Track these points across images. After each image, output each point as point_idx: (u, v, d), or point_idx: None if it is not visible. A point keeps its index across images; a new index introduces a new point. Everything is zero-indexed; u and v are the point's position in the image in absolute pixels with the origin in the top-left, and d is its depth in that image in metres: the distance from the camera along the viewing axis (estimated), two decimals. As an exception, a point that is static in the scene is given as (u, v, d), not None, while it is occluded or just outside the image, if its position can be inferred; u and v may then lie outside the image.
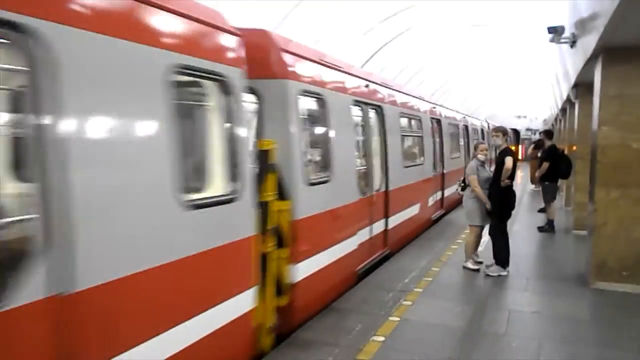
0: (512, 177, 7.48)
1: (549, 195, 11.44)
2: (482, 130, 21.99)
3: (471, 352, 4.86)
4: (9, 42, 2.49)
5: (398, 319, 5.68)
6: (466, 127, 17.75)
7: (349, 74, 7.27)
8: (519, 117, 43.95)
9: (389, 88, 9.28)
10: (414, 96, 11.15)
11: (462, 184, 7.83)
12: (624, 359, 4.80)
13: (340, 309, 6.02)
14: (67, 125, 2.60)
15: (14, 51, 2.52)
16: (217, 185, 4.09)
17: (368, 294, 6.55)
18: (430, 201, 11.68)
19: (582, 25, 7.93)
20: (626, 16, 5.26)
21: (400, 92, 10.00)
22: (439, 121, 12.98)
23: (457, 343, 5.08)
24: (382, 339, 5.10)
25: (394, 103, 9.17)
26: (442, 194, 13.11)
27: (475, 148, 7.92)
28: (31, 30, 2.42)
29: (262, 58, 5.18)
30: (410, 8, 14.57)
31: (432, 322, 5.66)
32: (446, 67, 22.89)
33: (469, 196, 7.68)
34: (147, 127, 3.23)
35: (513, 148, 33.94)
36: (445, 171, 13.23)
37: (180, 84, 3.70)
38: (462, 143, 16.76)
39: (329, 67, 6.54)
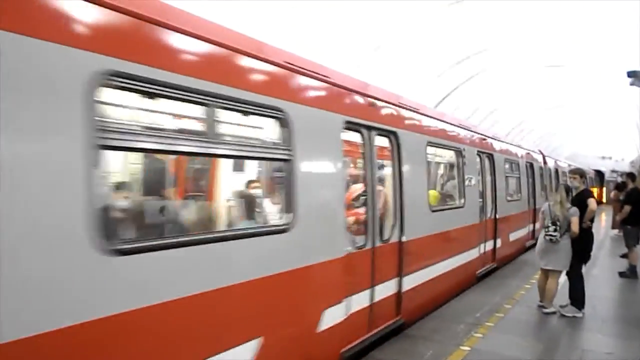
0: (592, 219, 7.59)
1: (631, 240, 11.14)
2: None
3: (540, 384, 5.06)
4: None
5: (469, 348, 5.95)
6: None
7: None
8: (603, 157, 42.13)
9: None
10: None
11: (554, 227, 7.40)
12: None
13: (413, 335, 6.38)
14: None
15: None
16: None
17: (440, 325, 6.84)
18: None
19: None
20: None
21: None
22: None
23: (527, 375, 5.28)
24: (452, 365, 5.41)
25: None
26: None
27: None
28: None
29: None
30: (483, 52, 14.93)
31: (503, 353, 5.87)
32: (522, 107, 22.77)
33: (564, 239, 7.44)
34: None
35: (596, 190, 32.50)
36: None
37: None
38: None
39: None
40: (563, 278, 7.82)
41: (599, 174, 42.59)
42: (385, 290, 6.06)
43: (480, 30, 13.63)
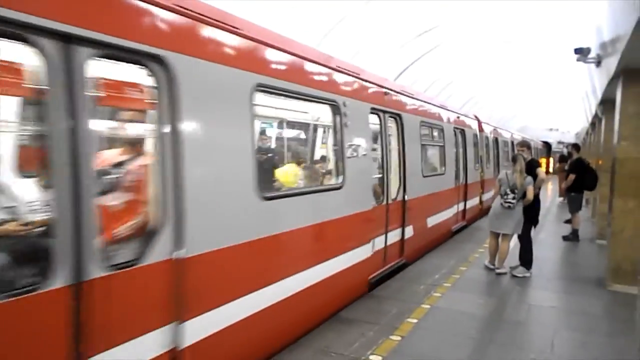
0: (539, 187, 8.23)
1: (574, 206, 12.01)
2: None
3: (493, 334, 5.61)
4: None
5: (429, 306, 6.46)
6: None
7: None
8: (550, 129, 43.97)
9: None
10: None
11: (513, 194, 7.91)
12: (630, 347, 5.44)
13: (379, 295, 6.84)
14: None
15: None
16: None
17: (402, 286, 7.34)
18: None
19: (605, 47, 8.60)
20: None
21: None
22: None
23: (481, 327, 5.83)
24: (415, 320, 5.90)
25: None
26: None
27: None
28: None
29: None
30: (439, 26, 15.36)
31: (459, 309, 6.41)
32: (477, 81, 23.47)
33: (518, 206, 7.95)
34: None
35: (544, 160, 33.63)
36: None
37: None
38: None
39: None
40: (514, 242, 8.45)
41: (547, 145, 44.58)
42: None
43: (437, 4, 13.96)
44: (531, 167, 8.25)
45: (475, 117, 15.17)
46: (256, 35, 4.58)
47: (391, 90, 7.94)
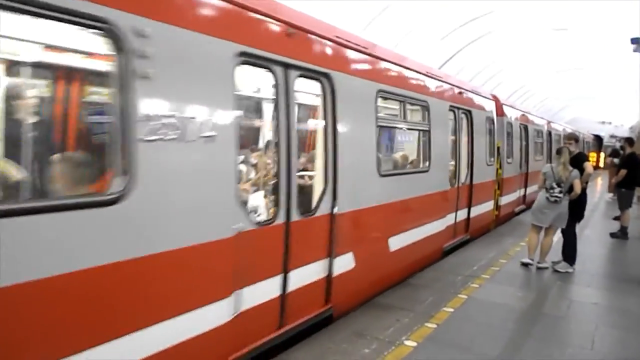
0: (586, 182, 8.01)
1: (624, 202, 11.59)
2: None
3: (531, 327, 5.56)
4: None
5: (466, 296, 6.45)
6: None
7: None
8: (603, 122, 42.26)
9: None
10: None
11: (559, 188, 7.73)
12: (673, 347, 5.30)
13: (415, 284, 6.88)
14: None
15: None
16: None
17: (439, 276, 7.34)
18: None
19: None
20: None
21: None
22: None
23: (518, 319, 5.79)
24: (451, 309, 5.92)
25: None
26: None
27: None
28: None
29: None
30: (489, 13, 14.98)
31: (497, 301, 6.38)
32: (527, 69, 22.81)
33: (564, 200, 7.79)
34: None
35: (594, 154, 32.45)
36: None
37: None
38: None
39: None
40: (557, 236, 8.27)
41: (598, 138, 42.86)
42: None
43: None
44: (578, 161, 8.03)
45: (494, 96, 12.03)
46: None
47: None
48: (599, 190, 22.79)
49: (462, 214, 9.29)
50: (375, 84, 6.02)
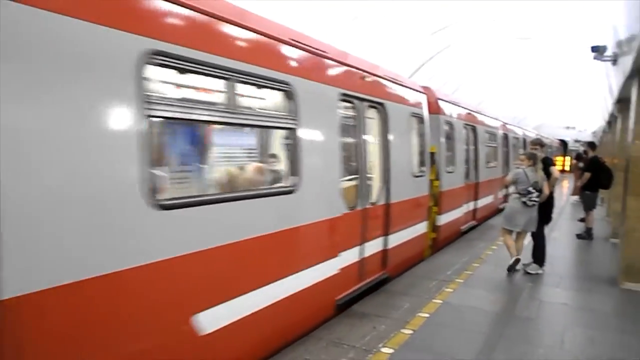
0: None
1: (588, 204, 11.97)
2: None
3: (503, 329, 5.69)
4: None
5: (440, 301, 6.56)
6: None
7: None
8: (567, 127, 43.49)
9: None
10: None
11: (537, 192, 7.87)
12: (636, 343, 5.48)
13: (390, 290, 6.95)
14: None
15: None
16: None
17: (414, 281, 7.44)
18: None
19: (621, 45, 8.58)
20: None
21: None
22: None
23: (492, 322, 5.91)
24: (426, 315, 6.00)
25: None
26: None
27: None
28: None
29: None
30: (455, 23, 15.33)
31: (471, 305, 6.50)
32: (492, 78, 23.36)
33: (536, 203, 7.98)
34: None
35: (561, 159, 33.05)
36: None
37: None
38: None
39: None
40: (527, 239, 8.48)
41: (563, 143, 44.11)
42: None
43: (452, 3, 13.98)
44: (545, 165, 8.28)
45: (426, 89, 9.43)
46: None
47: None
48: (565, 194, 23.44)
49: (374, 246, 6.87)
50: None
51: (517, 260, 8.26)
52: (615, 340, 5.54)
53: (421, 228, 8.69)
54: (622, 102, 11.45)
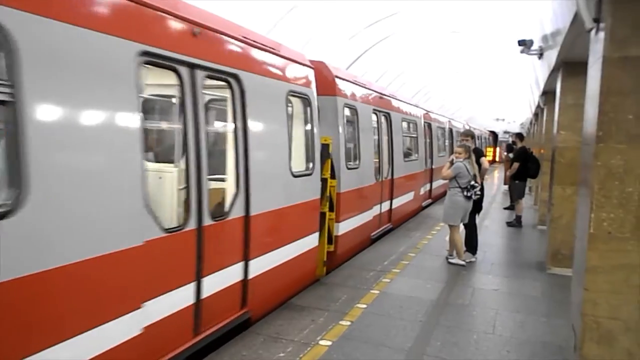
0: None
1: (517, 193, 12.50)
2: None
3: (439, 317, 5.78)
4: None
5: (378, 292, 6.59)
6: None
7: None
8: (497, 119, 45.41)
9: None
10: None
11: (477, 185, 7.97)
12: (563, 326, 5.70)
13: (328, 283, 6.92)
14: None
15: None
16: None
17: (352, 273, 7.45)
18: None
19: (547, 40, 8.92)
20: (580, 34, 6.20)
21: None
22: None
23: (428, 310, 5.99)
24: (364, 306, 6.01)
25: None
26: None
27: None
28: None
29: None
30: (393, 15, 15.47)
31: (408, 294, 6.57)
32: (427, 71, 23.89)
33: (477, 196, 8.09)
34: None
35: (491, 149, 34.30)
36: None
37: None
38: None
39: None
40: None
41: (493, 134, 46.08)
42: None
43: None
44: (476, 157, 8.49)
45: (317, 63, 7.42)
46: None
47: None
48: (495, 183, 24.44)
49: (224, 278, 4.80)
50: None
51: (461, 265, 8.20)
52: (543, 324, 5.77)
53: (309, 242, 6.59)
54: (548, 94, 11.98)
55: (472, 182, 7.97)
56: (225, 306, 4.83)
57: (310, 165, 6.66)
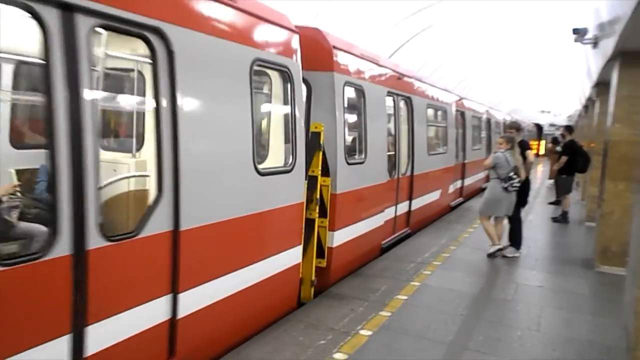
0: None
1: (564, 188, 12.08)
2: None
3: (481, 311, 5.67)
4: None
5: (418, 283, 6.51)
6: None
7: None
8: (542, 112, 44.06)
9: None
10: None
11: (518, 177, 7.78)
12: (611, 325, 5.51)
13: (366, 274, 6.88)
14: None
15: None
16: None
17: (390, 264, 7.38)
18: None
19: (603, 28, 8.53)
20: (640, 23, 5.90)
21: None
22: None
23: (469, 304, 5.89)
24: (404, 297, 5.95)
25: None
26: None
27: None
28: None
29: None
30: (436, 3, 15.14)
31: (448, 287, 6.46)
32: (469, 62, 23.31)
33: (517, 189, 7.89)
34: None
35: (535, 143, 33.29)
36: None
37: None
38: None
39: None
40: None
41: (538, 127, 44.71)
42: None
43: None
44: (521, 149, 8.25)
45: (304, 29, 5.70)
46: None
47: None
48: (539, 177, 23.74)
49: (129, 325, 3.37)
50: None
51: (500, 249, 8.17)
52: (590, 323, 5.57)
53: (285, 260, 5.13)
54: (601, 85, 11.49)
55: (510, 174, 7.75)
56: None
57: (290, 159, 5.16)
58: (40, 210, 3.78)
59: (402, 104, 8.94)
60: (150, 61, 3.46)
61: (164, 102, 3.50)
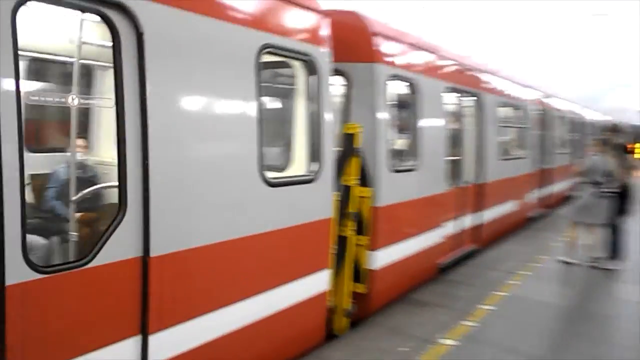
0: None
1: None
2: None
3: (575, 326, 5.29)
4: None
5: (505, 293, 6.19)
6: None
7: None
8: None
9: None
10: None
11: (603, 182, 7.29)
12: None
13: (450, 280, 6.65)
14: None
15: None
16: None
17: (475, 271, 7.09)
18: None
19: None
20: None
21: None
22: None
23: (562, 318, 5.51)
24: (490, 307, 5.68)
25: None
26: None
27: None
28: None
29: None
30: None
31: (538, 299, 6.09)
32: (565, 56, 22.06)
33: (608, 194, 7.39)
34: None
35: (638, 146, 30.69)
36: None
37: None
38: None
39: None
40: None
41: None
42: None
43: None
44: (620, 153, 7.65)
45: (336, 13, 4.89)
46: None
47: None
48: (640, 183, 21.92)
49: None
50: None
51: (593, 258, 7.60)
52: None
53: (306, 288, 4.30)
54: None
55: (598, 178, 7.21)
56: None
57: (315, 166, 4.34)
58: None
59: (467, 101, 7.99)
60: (111, 44, 2.73)
61: (129, 97, 2.78)
